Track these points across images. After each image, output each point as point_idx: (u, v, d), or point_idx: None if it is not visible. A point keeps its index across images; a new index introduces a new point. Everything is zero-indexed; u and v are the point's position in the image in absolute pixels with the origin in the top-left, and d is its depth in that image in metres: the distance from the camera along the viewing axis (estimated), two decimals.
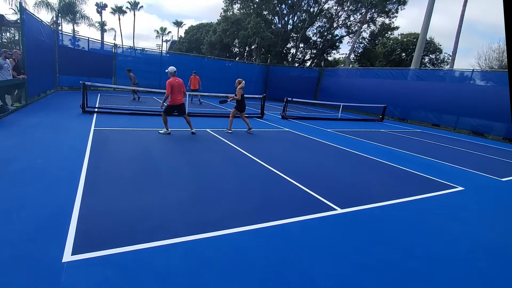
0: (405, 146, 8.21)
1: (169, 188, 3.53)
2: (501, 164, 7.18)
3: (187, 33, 42.94)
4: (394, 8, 25.40)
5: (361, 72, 19.10)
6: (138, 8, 48.90)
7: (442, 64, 25.73)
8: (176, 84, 6.45)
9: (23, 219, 2.53)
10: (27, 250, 2.13)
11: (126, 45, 27.99)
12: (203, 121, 9.10)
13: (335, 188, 4.15)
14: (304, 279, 2.13)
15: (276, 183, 4.12)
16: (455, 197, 4.33)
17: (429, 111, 14.70)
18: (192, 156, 5.06)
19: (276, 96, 20.55)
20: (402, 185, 4.66)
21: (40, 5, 24.86)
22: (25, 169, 3.68)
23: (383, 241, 2.80)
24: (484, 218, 3.66)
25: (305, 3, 26.97)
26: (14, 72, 7.53)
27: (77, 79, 14.01)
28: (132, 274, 1.99)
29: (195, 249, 2.34)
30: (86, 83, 8.33)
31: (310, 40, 30.05)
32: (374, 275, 2.26)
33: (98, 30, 36.21)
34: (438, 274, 2.36)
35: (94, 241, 2.30)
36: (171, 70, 6.55)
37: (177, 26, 55.39)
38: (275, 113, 13.07)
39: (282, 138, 7.66)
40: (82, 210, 2.78)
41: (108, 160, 4.38)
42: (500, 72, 13.38)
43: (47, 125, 6.31)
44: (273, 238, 2.65)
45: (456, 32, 18.84)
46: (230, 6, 31.18)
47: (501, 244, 3.00)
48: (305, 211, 3.26)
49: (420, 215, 3.52)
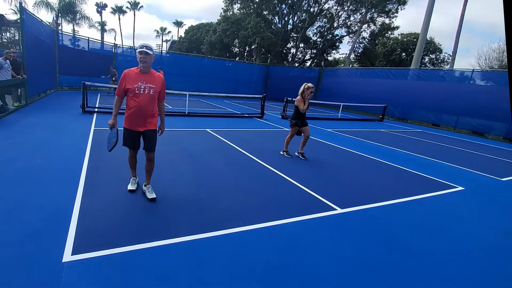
0: (405, 146, 8.20)
1: (169, 188, 3.53)
2: (501, 164, 7.18)
3: (187, 33, 42.94)
4: (394, 8, 25.41)
5: (361, 72, 19.10)
6: (138, 8, 48.90)
7: (442, 64, 25.73)
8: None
9: (23, 219, 2.53)
10: (27, 250, 2.13)
11: (126, 45, 28.02)
12: (203, 121, 9.09)
13: (335, 188, 4.15)
14: (304, 279, 2.12)
15: (276, 183, 4.11)
16: (455, 197, 4.33)
17: (429, 111, 14.70)
18: (192, 156, 5.06)
19: (276, 96, 20.53)
20: (402, 185, 4.65)
21: (40, 5, 24.86)
22: (25, 169, 3.68)
23: (383, 241, 2.79)
24: (484, 218, 3.66)
25: (305, 3, 26.96)
26: (13, 72, 7.54)
27: (77, 79, 14.02)
28: (132, 274, 1.99)
29: (195, 249, 2.34)
30: (86, 83, 8.34)
31: (310, 40, 30.04)
32: (374, 275, 2.26)
33: (99, 30, 36.21)
34: (438, 274, 2.36)
35: (94, 241, 2.30)
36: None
37: (177, 26, 55.42)
38: (275, 113, 13.06)
39: (282, 138, 7.64)
40: (82, 210, 2.78)
41: (108, 160, 4.38)
42: (500, 72, 13.38)
43: (47, 125, 6.31)
44: (273, 238, 2.65)
45: (456, 32, 18.83)
46: (230, 6, 31.17)
47: (501, 244, 3.00)
48: (305, 211, 3.25)
49: (420, 215, 3.52)
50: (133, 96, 2.95)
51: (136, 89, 2.91)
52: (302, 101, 5.38)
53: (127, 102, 3.02)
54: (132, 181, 3.39)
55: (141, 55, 2.84)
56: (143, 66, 2.93)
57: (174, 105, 12.22)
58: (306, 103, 5.38)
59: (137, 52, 2.88)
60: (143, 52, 2.83)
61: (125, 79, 2.94)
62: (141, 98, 2.95)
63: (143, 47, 2.85)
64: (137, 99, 2.95)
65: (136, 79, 2.93)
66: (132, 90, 2.92)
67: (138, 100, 2.95)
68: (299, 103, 5.37)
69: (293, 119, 5.54)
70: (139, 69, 2.98)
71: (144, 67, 2.94)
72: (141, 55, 2.84)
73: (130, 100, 2.98)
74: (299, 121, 5.48)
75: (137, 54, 2.89)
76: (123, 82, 2.94)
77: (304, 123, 5.49)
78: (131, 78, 2.94)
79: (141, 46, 2.87)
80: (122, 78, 2.95)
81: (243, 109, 13.71)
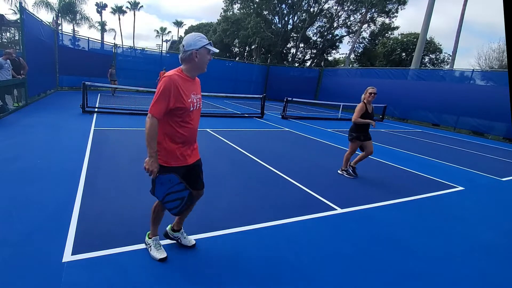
0: (405, 146, 8.20)
1: None
2: (501, 164, 7.18)
3: (187, 33, 42.82)
4: (394, 8, 25.43)
5: (361, 72, 19.11)
6: (138, 8, 48.94)
7: (442, 64, 25.71)
8: None
9: (23, 219, 2.53)
10: (27, 250, 2.13)
11: (126, 45, 27.98)
12: (203, 121, 9.08)
13: (335, 188, 4.15)
14: (304, 279, 2.12)
15: (276, 183, 4.11)
16: (455, 197, 4.33)
17: (429, 111, 14.71)
18: None
19: (276, 96, 20.55)
20: (402, 185, 4.65)
21: (40, 4, 24.86)
22: (25, 169, 3.68)
23: (383, 241, 2.79)
24: (484, 218, 3.66)
25: (305, 3, 26.97)
26: (13, 72, 7.54)
27: (77, 79, 14.02)
28: (132, 274, 1.99)
29: (195, 249, 2.34)
30: (86, 83, 8.34)
31: (310, 40, 30.04)
32: (374, 275, 2.26)
33: (99, 31, 36.21)
34: (438, 274, 2.36)
35: (94, 241, 2.30)
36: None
37: (177, 26, 55.45)
38: (275, 113, 13.06)
39: (282, 138, 7.65)
40: (82, 210, 2.78)
41: (108, 160, 4.38)
42: (500, 72, 13.39)
43: (47, 125, 6.31)
44: (273, 238, 2.65)
45: (456, 32, 18.84)
46: (230, 6, 31.19)
47: (501, 244, 3.00)
48: (305, 211, 3.25)
49: (420, 215, 3.52)
50: (187, 116, 1.93)
51: (191, 106, 1.92)
52: (361, 110, 4.41)
53: (171, 126, 1.91)
54: (158, 244, 2.22)
55: (210, 55, 1.91)
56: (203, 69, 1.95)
57: None
58: (369, 107, 4.49)
59: (208, 51, 1.89)
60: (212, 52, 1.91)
61: (174, 90, 1.81)
62: (195, 118, 2.02)
63: (211, 43, 1.92)
64: (192, 120, 1.98)
65: (188, 90, 1.91)
66: (186, 108, 1.89)
67: (193, 122, 2.00)
68: (358, 112, 4.42)
69: (353, 132, 4.60)
70: (186, 72, 1.92)
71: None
72: (211, 56, 1.92)
73: (181, 122, 1.92)
74: (361, 134, 4.53)
75: (207, 52, 1.89)
76: (170, 96, 1.80)
77: (367, 136, 4.59)
78: (182, 90, 1.85)
79: (210, 42, 1.90)
80: (168, 88, 1.79)
81: (243, 109, 13.72)
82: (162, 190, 1.92)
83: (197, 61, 1.87)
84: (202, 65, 1.91)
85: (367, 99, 4.47)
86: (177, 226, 2.34)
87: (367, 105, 4.49)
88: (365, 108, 4.47)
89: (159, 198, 1.97)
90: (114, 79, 13.88)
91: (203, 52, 1.87)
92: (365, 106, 4.47)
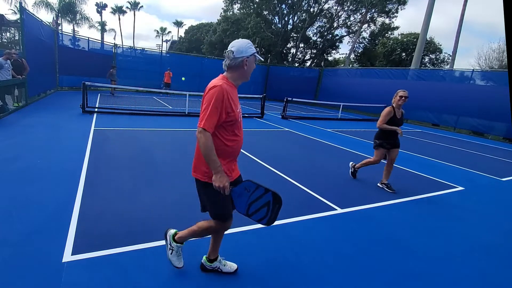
0: (405, 146, 8.19)
1: (169, 188, 3.53)
2: (501, 164, 7.18)
3: (187, 33, 42.95)
4: (394, 8, 25.43)
5: (361, 72, 19.10)
6: (138, 8, 48.96)
7: (442, 64, 25.71)
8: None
9: (23, 219, 2.53)
10: (27, 250, 2.13)
11: (126, 45, 28.01)
12: None
13: (335, 188, 4.15)
14: (304, 279, 2.12)
15: (276, 183, 4.11)
16: (455, 197, 4.33)
17: (429, 111, 14.70)
18: (192, 156, 5.05)
19: (276, 96, 20.54)
20: (402, 185, 4.65)
21: (39, 5, 24.88)
22: (25, 169, 3.67)
23: (383, 241, 2.79)
24: (484, 218, 3.65)
25: (305, 3, 26.97)
26: (14, 72, 7.54)
27: (77, 79, 14.03)
28: (132, 274, 1.99)
29: (195, 249, 2.34)
30: (86, 83, 8.34)
31: (310, 40, 30.03)
32: (374, 275, 2.26)
33: (99, 31, 36.23)
34: (438, 274, 2.36)
35: (94, 241, 2.30)
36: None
37: (177, 26, 55.48)
38: (275, 113, 13.06)
39: (282, 138, 7.65)
40: (82, 210, 2.78)
41: (108, 160, 4.38)
42: (500, 72, 13.39)
43: (47, 125, 6.31)
44: (273, 238, 2.65)
45: (456, 32, 18.85)
46: (230, 6, 31.19)
47: (501, 244, 3.00)
48: (305, 211, 3.25)
49: (420, 215, 3.52)
50: (236, 128, 1.79)
51: (238, 116, 1.80)
52: (388, 115, 3.98)
53: (220, 140, 1.75)
54: (180, 252, 2.05)
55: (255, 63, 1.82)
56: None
57: (174, 105, 12.24)
58: (398, 112, 4.05)
59: (255, 58, 1.82)
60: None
61: (226, 101, 1.66)
62: (241, 129, 1.87)
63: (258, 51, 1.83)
64: (240, 132, 1.84)
65: (236, 100, 1.80)
66: (236, 119, 1.76)
67: (241, 134, 1.86)
68: (384, 116, 3.99)
69: (376, 138, 4.19)
70: (232, 80, 1.80)
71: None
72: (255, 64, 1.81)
73: (230, 135, 1.77)
74: (385, 142, 4.10)
75: (254, 60, 1.82)
76: (222, 107, 1.65)
77: (395, 143, 4.12)
78: (232, 100, 1.72)
79: (258, 50, 1.84)
80: (220, 99, 1.63)
81: (243, 109, 13.64)
82: (243, 201, 1.77)
83: (246, 69, 1.77)
84: (249, 73, 1.82)
85: (396, 103, 4.03)
86: (213, 255, 2.07)
87: (395, 109, 4.04)
88: (393, 113, 4.02)
89: (242, 212, 1.78)
90: (114, 79, 13.90)
91: (252, 60, 1.78)
92: (394, 111, 4.02)
